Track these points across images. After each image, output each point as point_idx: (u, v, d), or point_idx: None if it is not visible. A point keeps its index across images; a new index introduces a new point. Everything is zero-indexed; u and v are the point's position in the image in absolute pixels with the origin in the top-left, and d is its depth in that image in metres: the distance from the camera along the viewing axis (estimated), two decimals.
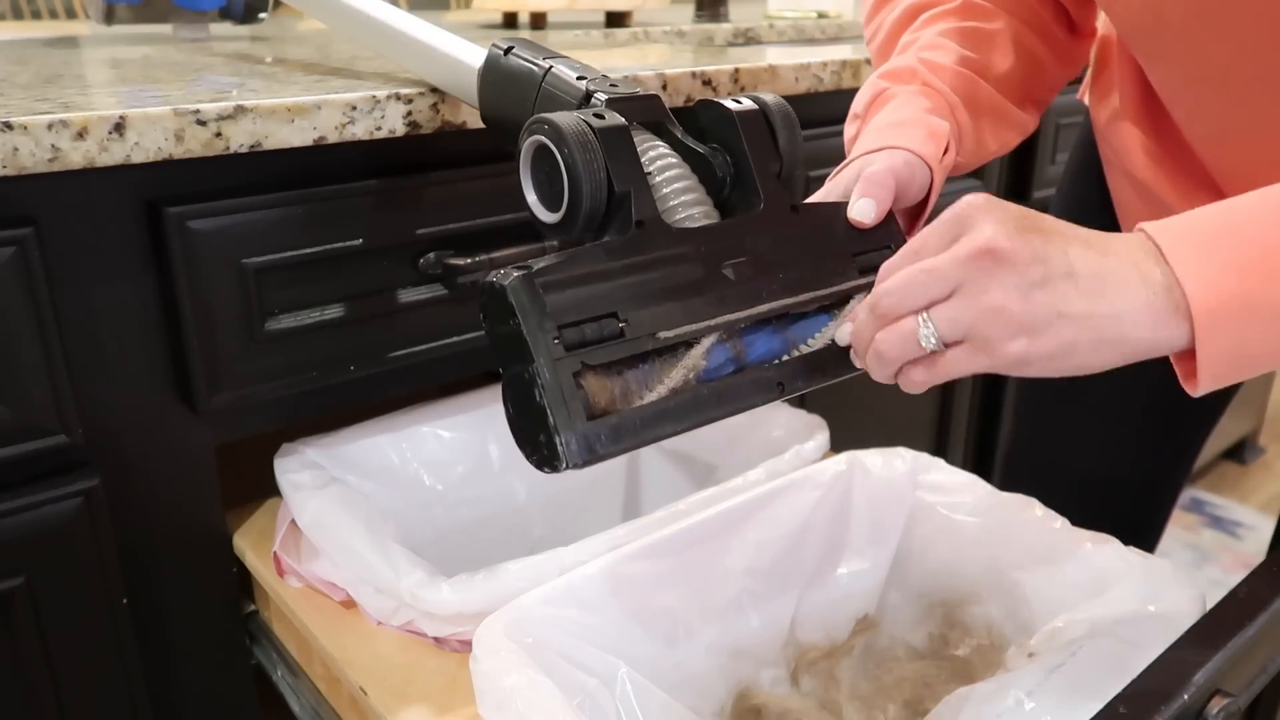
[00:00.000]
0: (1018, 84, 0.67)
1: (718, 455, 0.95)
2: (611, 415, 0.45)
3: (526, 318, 0.44)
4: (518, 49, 0.60)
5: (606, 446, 0.44)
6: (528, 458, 0.45)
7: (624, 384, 0.46)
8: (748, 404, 0.49)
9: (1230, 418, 2.00)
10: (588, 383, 0.45)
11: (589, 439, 0.44)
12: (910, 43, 0.66)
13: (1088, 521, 0.68)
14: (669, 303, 0.48)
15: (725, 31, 1.50)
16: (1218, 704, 0.47)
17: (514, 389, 0.45)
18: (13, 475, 0.64)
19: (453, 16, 1.85)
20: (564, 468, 0.44)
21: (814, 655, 0.73)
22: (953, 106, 0.63)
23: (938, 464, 0.75)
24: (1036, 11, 0.68)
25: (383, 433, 0.85)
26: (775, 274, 0.52)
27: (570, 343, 0.45)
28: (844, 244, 0.55)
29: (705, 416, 0.48)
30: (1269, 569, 0.55)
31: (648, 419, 0.46)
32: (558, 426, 0.43)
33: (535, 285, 0.44)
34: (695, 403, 0.48)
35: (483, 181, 0.78)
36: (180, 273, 0.66)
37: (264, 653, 0.80)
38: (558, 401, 0.43)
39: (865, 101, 0.64)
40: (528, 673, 0.53)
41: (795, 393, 0.51)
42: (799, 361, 0.52)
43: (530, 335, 0.44)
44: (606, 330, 0.46)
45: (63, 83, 0.74)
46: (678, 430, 0.47)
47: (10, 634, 0.66)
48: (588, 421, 0.44)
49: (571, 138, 0.48)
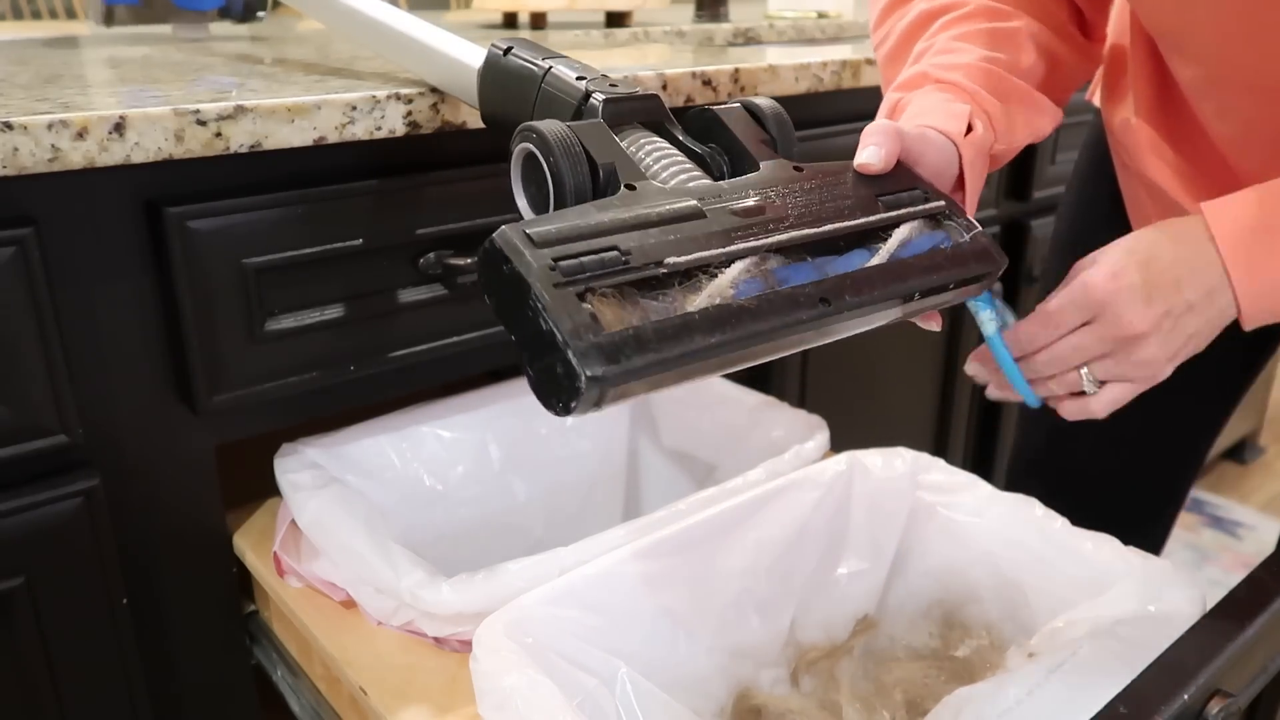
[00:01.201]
0: (1039, 82, 0.67)
1: (718, 455, 0.95)
2: (628, 329, 0.40)
3: (519, 255, 0.41)
4: (517, 49, 0.60)
5: (628, 356, 0.40)
6: (554, 408, 0.41)
7: (641, 312, 0.42)
8: (789, 319, 0.44)
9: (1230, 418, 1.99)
10: (596, 306, 0.41)
11: (605, 347, 0.39)
12: (925, 50, 0.66)
13: (1092, 522, 0.68)
14: (673, 236, 0.45)
15: (725, 31, 1.50)
16: (1218, 704, 0.47)
17: (527, 341, 0.41)
18: (13, 475, 0.64)
19: (452, 16, 1.85)
20: (582, 385, 0.39)
21: (814, 655, 0.73)
22: (973, 94, 0.61)
23: (938, 464, 0.75)
24: (1052, 12, 0.68)
25: (383, 433, 0.85)
26: (789, 212, 0.49)
27: (569, 271, 0.41)
28: (864, 188, 0.53)
29: (742, 332, 0.43)
30: (1269, 569, 0.55)
31: (675, 330, 0.41)
32: (567, 340, 0.39)
33: (524, 231, 0.42)
34: (726, 315, 0.43)
35: (483, 181, 0.78)
36: (180, 273, 0.66)
37: (264, 653, 0.80)
38: (560, 316, 0.39)
39: (884, 116, 0.64)
40: (528, 673, 0.53)
41: (841, 310, 0.46)
42: (843, 279, 0.47)
43: (523, 268, 0.41)
44: (608, 260, 0.42)
45: (63, 83, 0.74)
46: (710, 345, 0.42)
47: (10, 634, 0.66)
48: (600, 334, 0.40)
49: (555, 142, 0.48)
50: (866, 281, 0.48)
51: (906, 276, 0.49)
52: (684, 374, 0.43)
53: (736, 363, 0.45)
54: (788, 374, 1.11)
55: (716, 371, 0.45)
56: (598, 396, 0.40)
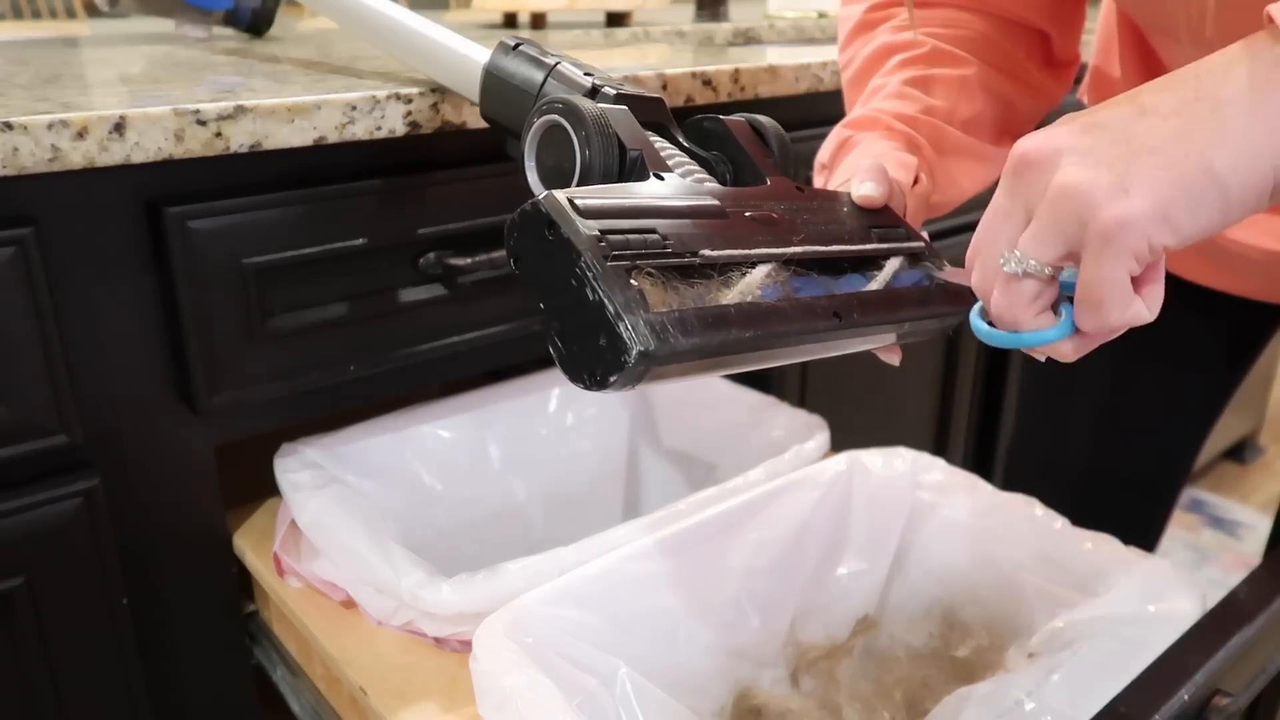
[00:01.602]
0: (989, 124, 0.68)
1: (718, 455, 0.95)
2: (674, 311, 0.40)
3: (566, 221, 0.40)
4: (524, 46, 0.61)
5: (677, 337, 0.40)
6: (587, 382, 0.40)
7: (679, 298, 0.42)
8: (805, 326, 0.45)
9: (1230, 418, 2.00)
10: (642, 284, 0.41)
11: (656, 324, 0.39)
12: (879, 88, 0.66)
13: (1088, 521, 0.68)
14: (705, 230, 0.45)
15: (725, 31, 1.50)
16: (1218, 704, 0.47)
17: (561, 310, 0.41)
18: (13, 475, 0.65)
19: (453, 16, 1.85)
20: (630, 359, 0.38)
21: (814, 655, 0.73)
22: (919, 145, 0.63)
23: (938, 464, 0.75)
24: (1008, 53, 0.68)
25: (383, 433, 0.85)
26: (799, 229, 0.50)
27: (616, 245, 0.41)
28: (858, 217, 0.55)
29: (771, 330, 0.43)
30: (1269, 569, 0.55)
31: (714, 319, 0.41)
32: (619, 312, 0.39)
33: (570, 199, 0.42)
34: (757, 313, 0.43)
35: (483, 181, 0.78)
36: (180, 273, 0.66)
37: (264, 653, 0.80)
38: (614, 288, 0.39)
39: (831, 150, 0.64)
40: (528, 673, 0.53)
41: (849, 326, 0.48)
42: (850, 298, 0.49)
43: (572, 234, 0.40)
44: (650, 241, 0.42)
45: (63, 83, 0.74)
46: (744, 339, 0.42)
47: (10, 634, 0.66)
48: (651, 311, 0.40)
49: (587, 114, 0.48)
50: (872, 304, 0.50)
51: (903, 305, 0.52)
52: (715, 364, 0.43)
53: (757, 361, 0.46)
54: (788, 374, 1.11)
55: (738, 368, 0.46)
56: (641, 373, 0.40)
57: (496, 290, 0.81)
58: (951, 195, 0.66)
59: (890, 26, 0.69)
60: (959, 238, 1.24)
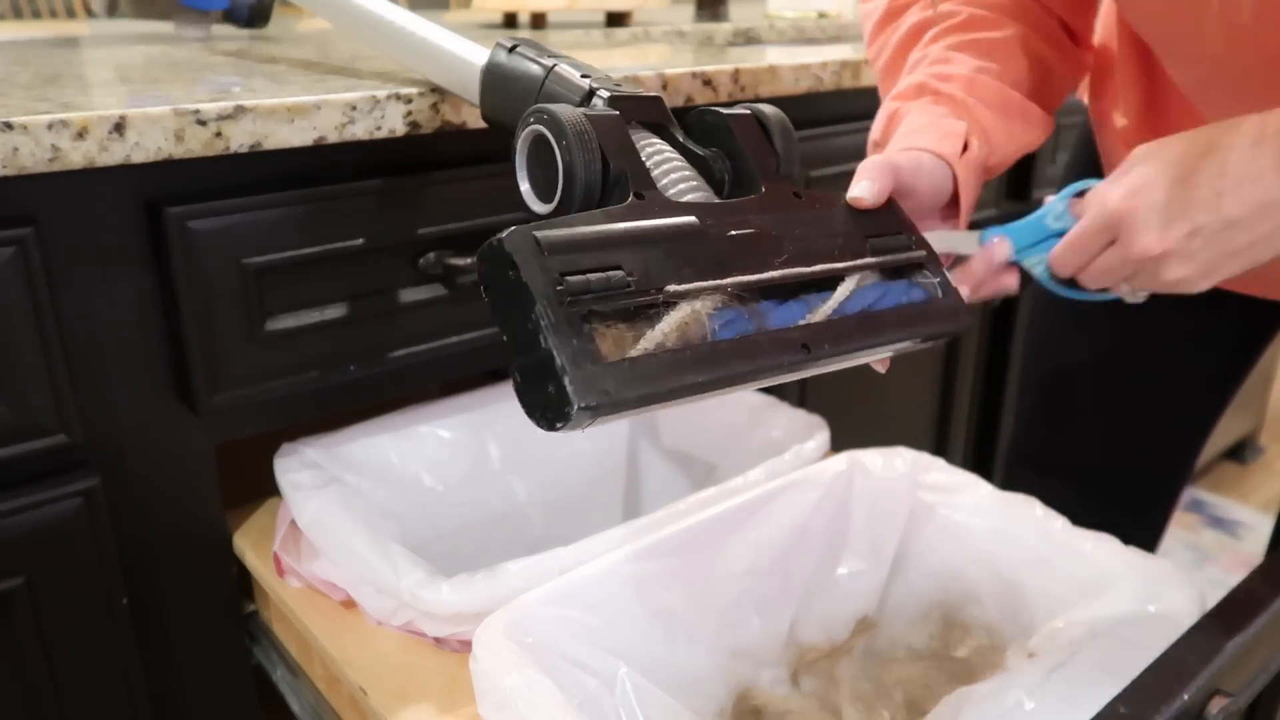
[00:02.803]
0: (1031, 90, 0.67)
1: (718, 455, 0.95)
2: (623, 363, 0.41)
3: (526, 264, 0.41)
4: (522, 47, 0.60)
5: (619, 390, 0.41)
6: (538, 421, 0.42)
7: (635, 339, 0.43)
8: (770, 363, 0.46)
9: (1230, 418, 1.99)
10: (596, 331, 0.42)
11: (600, 378, 0.40)
12: (919, 60, 0.66)
13: (1088, 521, 0.68)
14: (675, 261, 0.46)
15: (725, 31, 1.50)
16: (1218, 704, 0.47)
17: (520, 347, 0.42)
18: (13, 475, 0.64)
19: (453, 16, 1.85)
20: (573, 412, 0.40)
21: (814, 656, 0.73)
22: (969, 107, 0.62)
23: (938, 464, 0.75)
24: (1041, 19, 0.68)
25: (383, 433, 0.85)
26: (785, 246, 0.50)
27: (574, 289, 0.42)
28: (853, 226, 0.54)
29: (725, 371, 0.45)
30: (1269, 569, 0.55)
31: (663, 367, 0.43)
32: (565, 366, 0.40)
33: (534, 236, 0.42)
34: (714, 356, 0.44)
35: (483, 181, 0.78)
36: (180, 273, 0.66)
37: (264, 653, 0.80)
38: (564, 341, 0.40)
39: (881, 127, 0.64)
40: (528, 673, 0.53)
41: (821, 358, 0.48)
42: (823, 326, 0.49)
43: (531, 280, 0.41)
44: (613, 281, 0.43)
45: (63, 83, 0.74)
46: (697, 383, 0.44)
47: (10, 634, 0.66)
48: (596, 365, 0.41)
49: (569, 126, 0.47)
50: (845, 331, 0.50)
51: (881, 329, 0.52)
52: (669, 405, 0.44)
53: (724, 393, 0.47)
54: None
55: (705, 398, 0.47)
56: (586, 422, 0.41)
57: None
58: (1009, 152, 0.65)
59: (918, 8, 0.69)
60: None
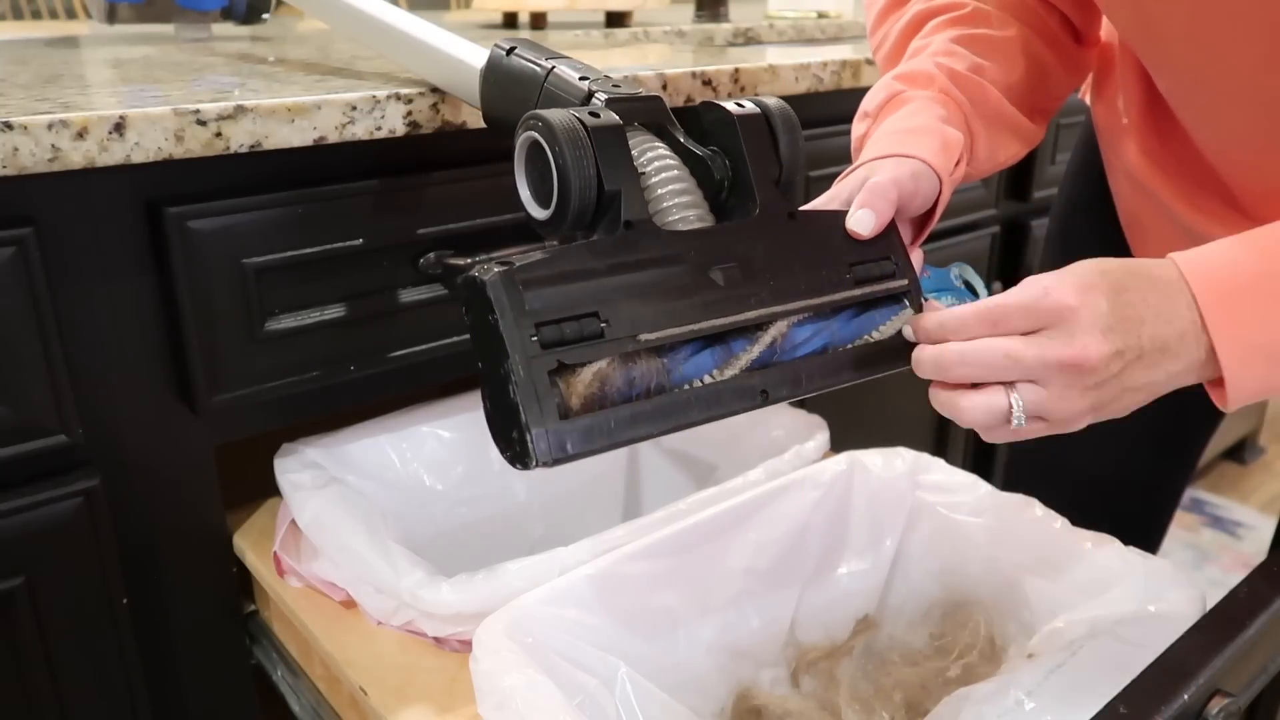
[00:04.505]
0: (1026, 93, 0.67)
1: (718, 455, 0.95)
2: (585, 416, 0.45)
3: (504, 314, 0.44)
4: (520, 49, 0.60)
5: (578, 446, 0.45)
6: (502, 453, 0.45)
7: (601, 385, 0.46)
8: (728, 410, 0.49)
9: (1230, 418, 1.99)
10: (564, 381, 0.45)
11: (560, 437, 0.44)
12: (922, 48, 0.66)
13: (1088, 522, 0.68)
14: (653, 305, 0.48)
15: (725, 31, 1.50)
16: (1218, 704, 0.47)
17: (491, 384, 0.45)
18: (13, 475, 0.64)
19: (453, 16, 1.85)
20: (534, 465, 0.44)
21: (814, 656, 0.73)
22: (968, 116, 0.62)
23: (938, 464, 0.75)
24: (1045, 20, 0.68)
25: (383, 433, 0.85)
26: (766, 281, 0.51)
27: (548, 341, 0.44)
28: (840, 253, 0.55)
29: (683, 420, 0.48)
30: (1269, 569, 0.55)
31: (622, 421, 0.46)
32: (529, 424, 0.43)
33: (516, 281, 0.44)
34: (673, 406, 0.47)
35: (483, 181, 0.78)
36: (180, 273, 0.66)
37: (264, 653, 0.80)
38: (530, 399, 0.44)
39: (879, 101, 0.63)
40: (528, 673, 0.53)
41: (778, 400, 0.51)
42: (785, 369, 0.51)
43: (507, 332, 0.44)
44: (587, 329, 0.46)
45: (63, 83, 0.74)
46: (653, 433, 0.47)
47: (10, 634, 0.66)
48: (560, 420, 0.44)
49: (563, 134, 0.48)
50: (808, 373, 0.52)
51: (845, 369, 0.53)
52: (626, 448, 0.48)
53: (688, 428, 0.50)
54: None
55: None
56: (548, 467, 0.44)
57: None
58: (984, 167, 0.66)
59: None
60: (954, 239, 1.24)
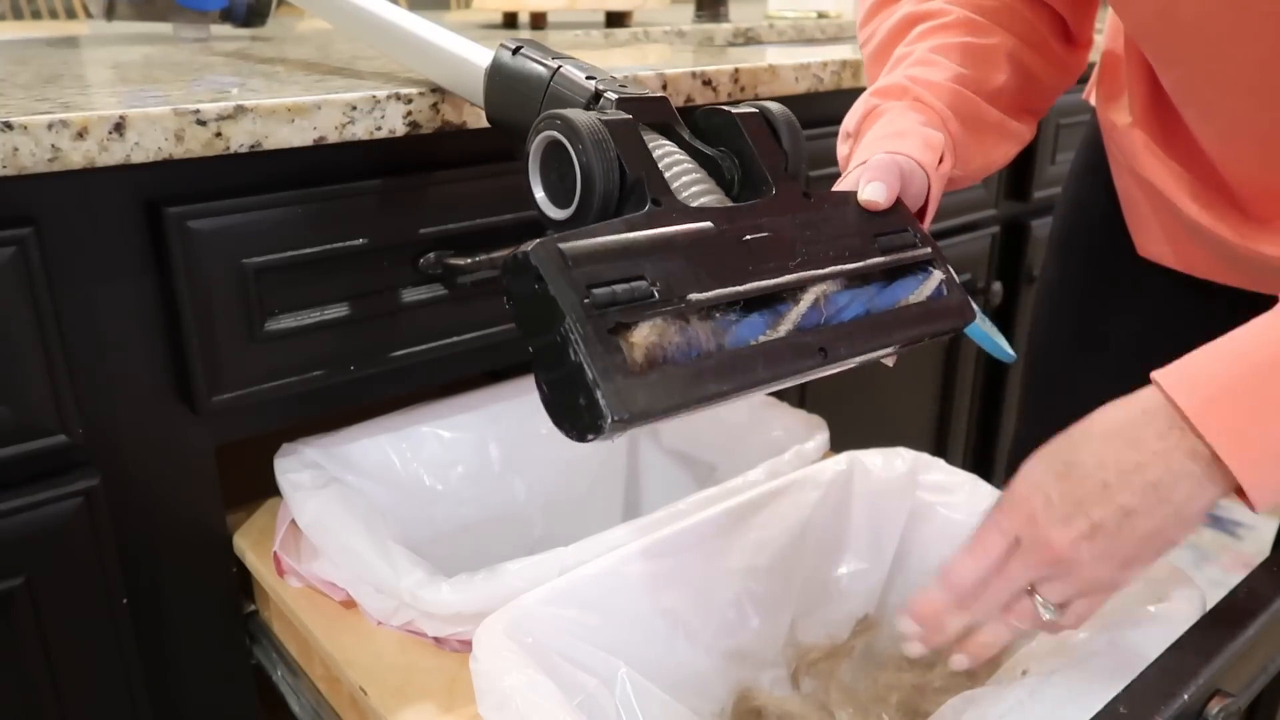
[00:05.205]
0: (1013, 97, 0.67)
1: (718, 455, 0.95)
2: (653, 371, 0.42)
3: (554, 278, 0.42)
4: (526, 49, 0.60)
5: (649, 402, 0.41)
6: (568, 432, 0.42)
7: (661, 344, 0.43)
8: (792, 368, 0.47)
9: None
10: (625, 340, 0.42)
11: (631, 392, 0.41)
12: (904, 56, 0.66)
13: None
14: (695, 270, 0.46)
15: (725, 31, 1.50)
16: (1218, 704, 0.47)
17: (546, 359, 0.42)
18: (13, 475, 0.64)
19: (453, 16, 1.85)
20: (607, 428, 0.40)
21: (814, 656, 0.73)
22: (945, 119, 0.63)
23: (938, 464, 0.75)
24: (1033, 25, 0.68)
25: (383, 433, 0.85)
26: (799, 249, 0.51)
27: (600, 301, 0.42)
28: (861, 226, 0.55)
29: (750, 378, 0.46)
30: (1269, 569, 0.54)
31: (690, 378, 0.44)
32: (597, 379, 0.40)
33: (559, 249, 0.43)
34: (737, 362, 0.45)
35: (483, 181, 0.78)
36: (180, 273, 0.66)
37: (264, 653, 0.80)
38: (595, 354, 0.41)
39: (857, 119, 0.64)
40: (528, 673, 0.53)
41: (836, 360, 0.49)
42: (837, 329, 0.50)
43: (559, 294, 0.41)
44: (637, 291, 0.43)
45: (63, 83, 0.74)
46: (723, 391, 0.45)
47: (10, 634, 0.66)
48: (628, 376, 0.41)
49: (585, 132, 0.48)
50: (860, 333, 0.52)
51: (894, 329, 0.53)
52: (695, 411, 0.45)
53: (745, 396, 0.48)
54: None
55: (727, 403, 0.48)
56: (619, 432, 0.41)
57: (496, 290, 0.81)
58: (972, 170, 0.66)
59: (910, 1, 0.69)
60: (955, 239, 1.24)
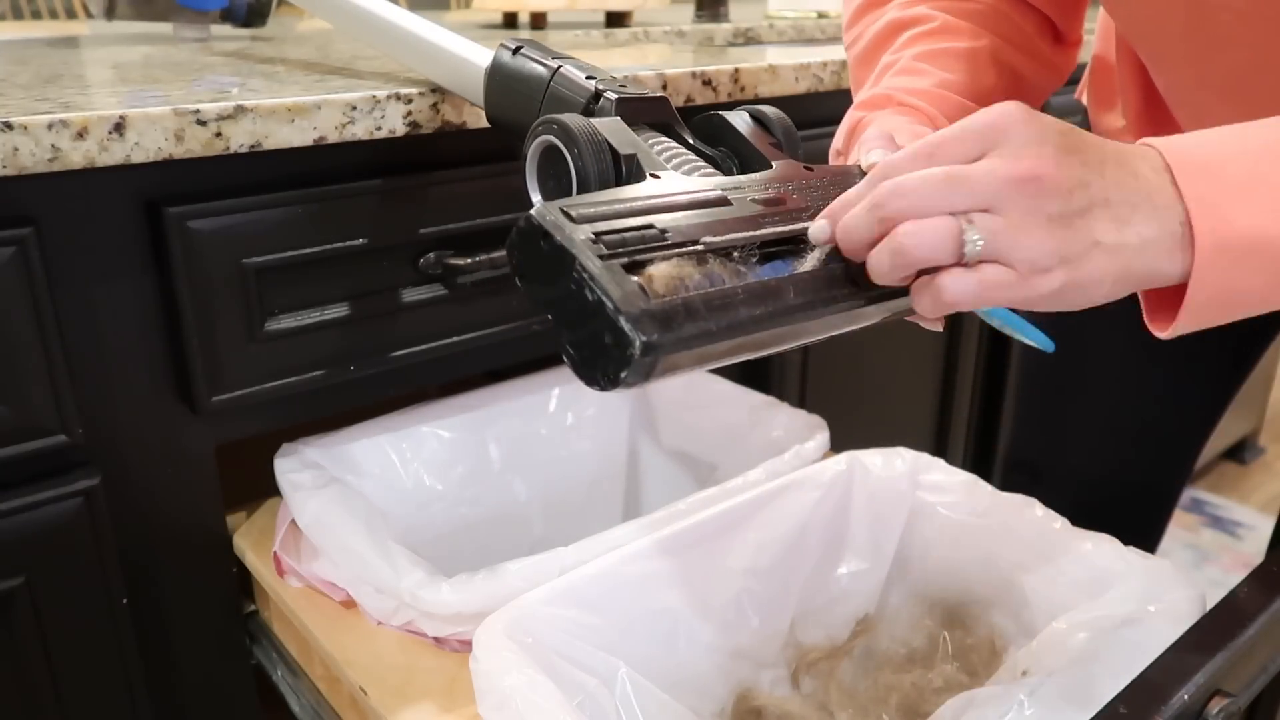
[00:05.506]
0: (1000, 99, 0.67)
1: (718, 455, 0.95)
2: (676, 298, 0.40)
3: (560, 229, 0.40)
4: (526, 49, 0.60)
5: (682, 324, 0.39)
6: (600, 380, 0.40)
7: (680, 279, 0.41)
8: (825, 296, 0.44)
9: (1230, 418, 1.99)
10: (642, 275, 0.40)
11: (657, 315, 0.39)
12: (890, 65, 0.66)
13: (1088, 522, 0.68)
14: (706, 219, 0.45)
15: (725, 31, 1.50)
16: (1218, 704, 0.47)
17: (566, 317, 0.40)
18: (13, 475, 0.64)
19: (453, 16, 1.85)
20: (635, 352, 0.38)
21: (814, 656, 0.73)
22: (933, 118, 0.63)
23: (938, 464, 0.75)
24: (1020, 28, 0.68)
25: (383, 433, 0.85)
26: (808, 205, 0.49)
27: (611, 244, 0.41)
28: None
29: (783, 304, 0.43)
30: (1269, 569, 0.55)
31: (719, 300, 0.41)
32: (617, 306, 0.38)
33: (561, 208, 0.42)
34: (767, 291, 0.43)
35: (483, 181, 0.78)
36: (180, 273, 0.66)
37: (264, 653, 0.80)
38: (611, 284, 0.39)
39: (845, 135, 0.64)
40: (528, 673, 0.53)
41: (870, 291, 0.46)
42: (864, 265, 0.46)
43: (566, 241, 0.40)
44: (648, 235, 0.42)
45: (63, 83, 0.74)
46: (754, 316, 0.42)
47: (10, 634, 0.66)
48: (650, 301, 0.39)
49: (580, 136, 0.48)
50: None
51: None
52: (730, 348, 0.43)
53: (776, 342, 0.45)
54: (787, 374, 1.11)
55: (757, 351, 0.45)
56: (650, 365, 0.39)
57: (496, 290, 0.81)
58: None
59: (899, 3, 0.69)
60: None
